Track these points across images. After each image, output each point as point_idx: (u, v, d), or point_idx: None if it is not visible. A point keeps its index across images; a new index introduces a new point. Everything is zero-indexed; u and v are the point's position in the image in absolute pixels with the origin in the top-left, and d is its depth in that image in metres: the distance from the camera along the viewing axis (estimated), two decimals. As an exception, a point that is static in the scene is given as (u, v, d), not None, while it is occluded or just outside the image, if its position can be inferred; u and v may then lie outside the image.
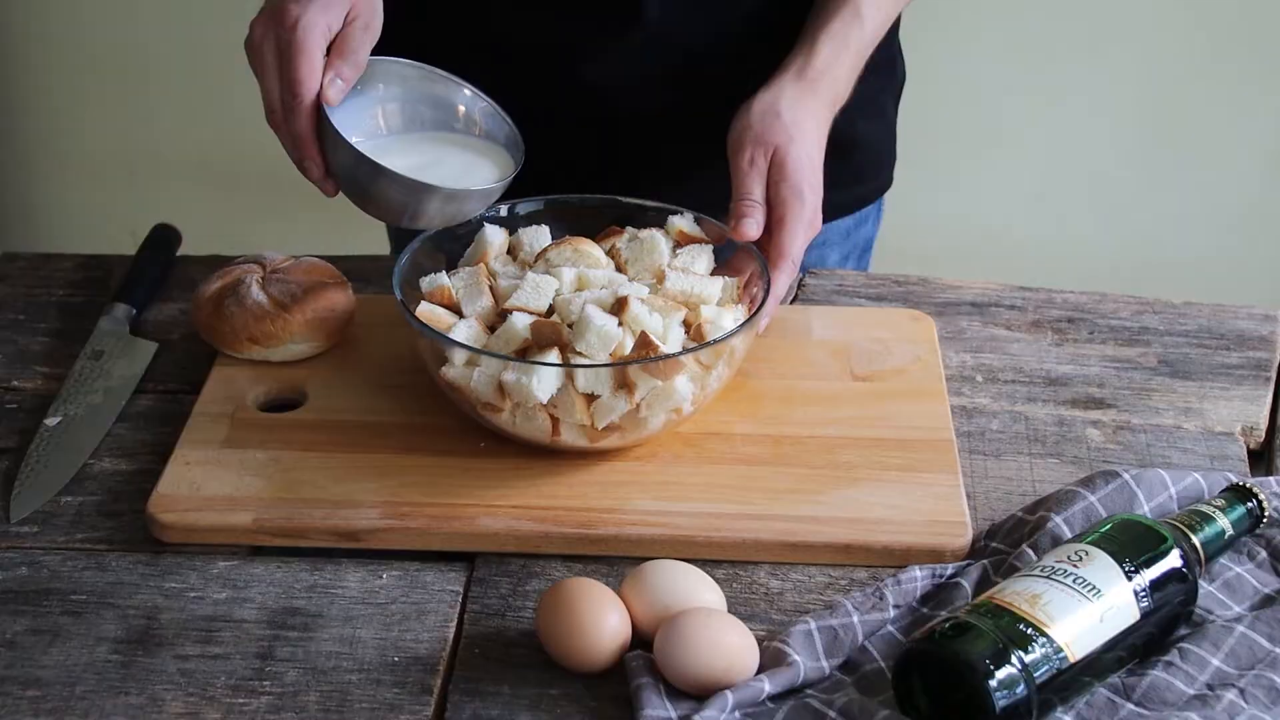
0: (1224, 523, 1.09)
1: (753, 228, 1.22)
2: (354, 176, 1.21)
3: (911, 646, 1.00)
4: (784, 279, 1.23)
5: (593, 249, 1.23)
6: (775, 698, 1.01)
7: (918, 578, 1.10)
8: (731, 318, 1.20)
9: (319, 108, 1.20)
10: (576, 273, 1.21)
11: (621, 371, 1.14)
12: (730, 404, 1.25)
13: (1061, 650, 0.98)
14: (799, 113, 1.26)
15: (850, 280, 1.46)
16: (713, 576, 1.08)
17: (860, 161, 1.51)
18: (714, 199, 1.29)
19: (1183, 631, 1.06)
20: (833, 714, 0.99)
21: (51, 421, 1.26)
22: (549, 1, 1.39)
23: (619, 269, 1.25)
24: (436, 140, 1.28)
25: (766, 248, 1.23)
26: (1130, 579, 1.02)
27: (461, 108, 1.29)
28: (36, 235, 2.81)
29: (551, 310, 1.20)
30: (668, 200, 1.30)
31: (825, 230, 1.30)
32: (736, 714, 0.99)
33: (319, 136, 1.21)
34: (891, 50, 1.46)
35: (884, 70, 1.40)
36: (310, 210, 2.67)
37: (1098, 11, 2.44)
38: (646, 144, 1.44)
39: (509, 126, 1.28)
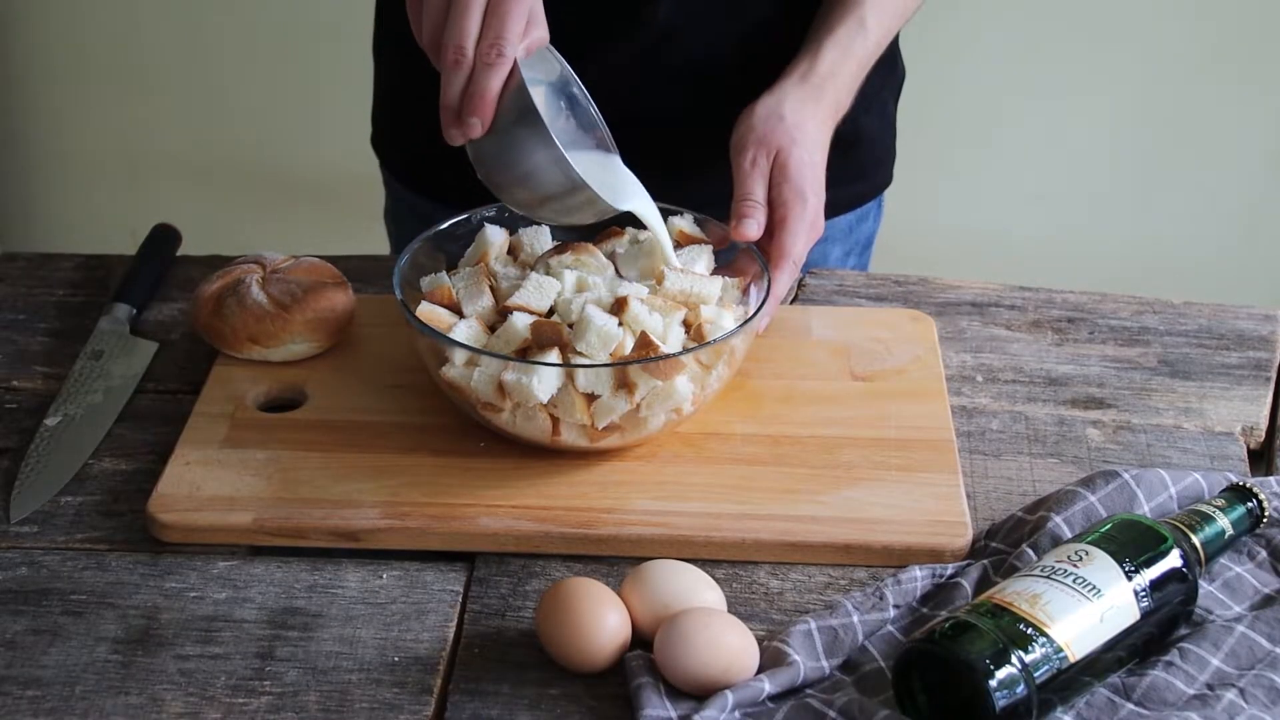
0: (1224, 523, 1.09)
1: (753, 228, 1.23)
2: (522, 160, 1.14)
3: (911, 646, 1.00)
4: (785, 279, 1.23)
5: (594, 256, 1.23)
6: (775, 698, 1.01)
7: (918, 578, 1.10)
8: (731, 318, 1.20)
9: (517, 76, 1.13)
10: (578, 276, 1.21)
11: (621, 371, 1.14)
12: (730, 404, 1.25)
13: (1061, 650, 0.98)
14: (802, 116, 1.27)
15: (850, 280, 1.46)
16: (713, 576, 1.08)
17: (861, 158, 1.51)
18: (716, 199, 1.29)
19: (1183, 631, 1.06)
20: (833, 714, 0.99)
21: (51, 421, 1.26)
22: (558, 1, 1.39)
23: (619, 274, 1.25)
24: (581, 144, 1.24)
25: (768, 248, 1.23)
26: (1130, 579, 1.02)
27: (593, 113, 1.24)
28: (36, 235, 2.81)
29: (552, 311, 1.20)
30: (671, 199, 1.30)
31: (827, 227, 1.30)
32: (736, 714, 0.99)
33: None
34: (891, 48, 1.47)
35: (884, 67, 1.41)
36: (310, 210, 2.69)
37: (1098, 12, 2.44)
38: (650, 144, 1.44)
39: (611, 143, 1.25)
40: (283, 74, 2.63)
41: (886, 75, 1.51)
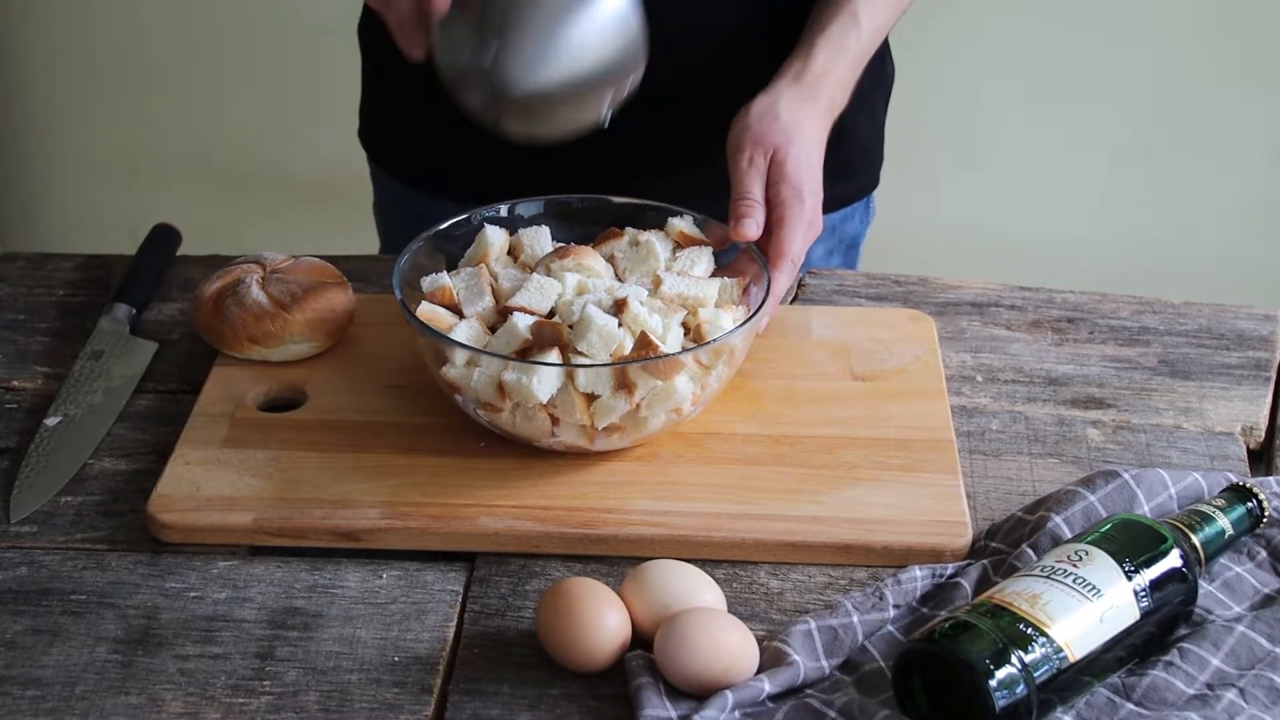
0: (1224, 523, 1.09)
1: (752, 228, 1.23)
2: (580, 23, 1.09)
3: (911, 646, 1.00)
4: (784, 279, 1.23)
5: (595, 261, 1.23)
6: (775, 698, 1.01)
7: (918, 578, 1.10)
8: (730, 318, 1.20)
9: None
10: (579, 279, 1.21)
11: (621, 371, 1.14)
12: (730, 404, 1.25)
13: (1061, 650, 0.98)
14: (798, 115, 1.27)
15: (850, 280, 1.46)
16: (713, 576, 1.08)
17: (847, 156, 1.51)
18: (712, 185, 1.28)
19: (1183, 631, 1.06)
20: (833, 714, 0.99)
21: (51, 421, 1.26)
22: None
23: (618, 277, 1.25)
24: None
25: (766, 248, 1.23)
26: (1130, 579, 1.02)
27: None
28: (36, 235, 2.81)
29: (553, 313, 1.20)
30: (666, 185, 1.29)
31: None
32: (736, 714, 0.99)
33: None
34: (881, 49, 1.47)
35: (873, 68, 1.41)
36: (310, 210, 2.69)
37: (1098, 11, 2.44)
38: (644, 129, 1.44)
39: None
40: (282, 74, 2.63)
41: (875, 77, 1.51)
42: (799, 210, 1.23)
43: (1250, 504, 1.11)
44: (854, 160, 1.54)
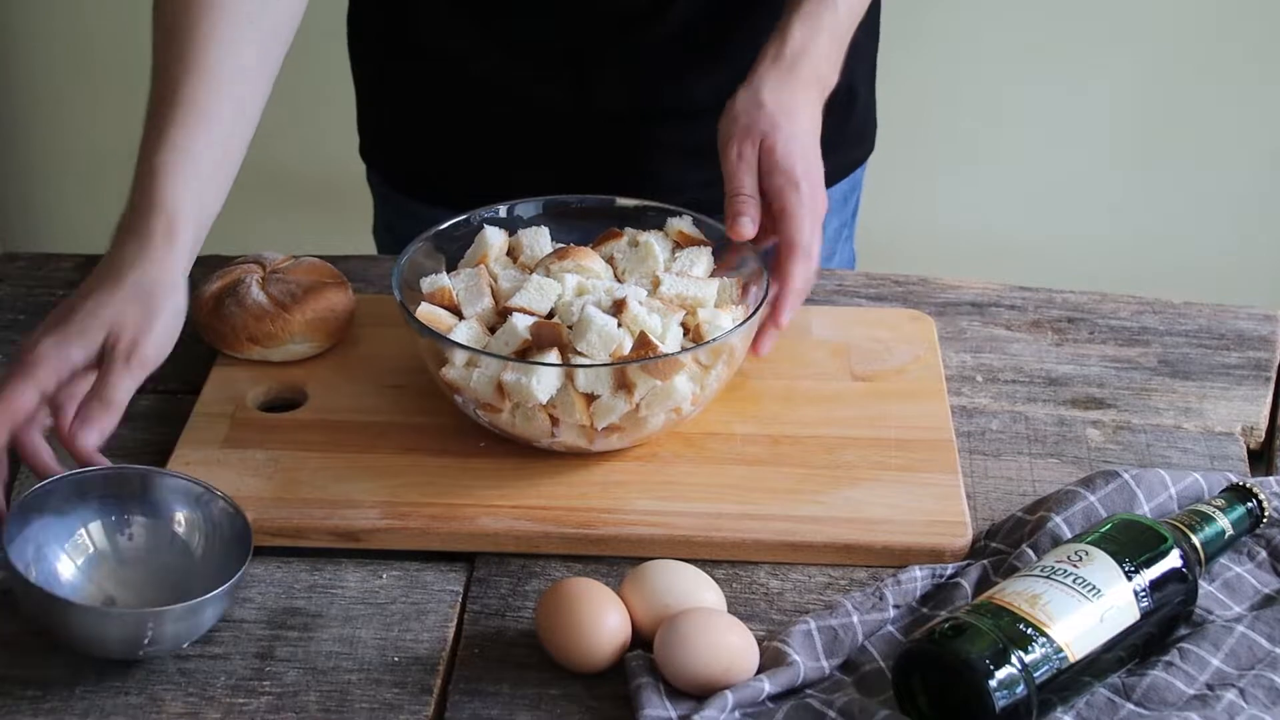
0: (1224, 523, 1.09)
1: (748, 226, 1.21)
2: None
3: (911, 646, 1.00)
4: (800, 271, 1.20)
5: (594, 262, 1.23)
6: (775, 698, 1.01)
7: (918, 578, 1.10)
8: (730, 318, 1.20)
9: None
10: (578, 280, 1.21)
11: (621, 371, 1.14)
12: (730, 404, 1.25)
13: (1061, 650, 0.98)
14: (783, 96, 1.24)
15: (850, 280, 1.46)
16: (713, 576, 1.08)
17: (856, 122, 1.51)
18: (711, 180, 1.28)
19: (1183, 631, 1.06)
20: (833, 714, 0.99)
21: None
22: (571, 3, 1.39)
23: (617, 278, 1.24)
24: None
25: (778, 243, 1.22)
26: (1130, 579, 1.02)
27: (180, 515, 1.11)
28: (36, 235, 2.81)
29: (553, 313, 1.20)
30: (665, 186, 1.29)
31: None
32: (736, 714, 0.99)
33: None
34: (872, 17, 1.46)
35: (868, 33, 1.38)
36: (310, 210, 2.68)
37: (1099, 11, 2.44)
38: (643, 132, 1.44)
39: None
40: (283, 74, 2.62)
41: (871, 43, 1.50)
42: (797, 197, 1.21)
43: (1250, 504, 1.11)
44: (860, 126, 1.54)
